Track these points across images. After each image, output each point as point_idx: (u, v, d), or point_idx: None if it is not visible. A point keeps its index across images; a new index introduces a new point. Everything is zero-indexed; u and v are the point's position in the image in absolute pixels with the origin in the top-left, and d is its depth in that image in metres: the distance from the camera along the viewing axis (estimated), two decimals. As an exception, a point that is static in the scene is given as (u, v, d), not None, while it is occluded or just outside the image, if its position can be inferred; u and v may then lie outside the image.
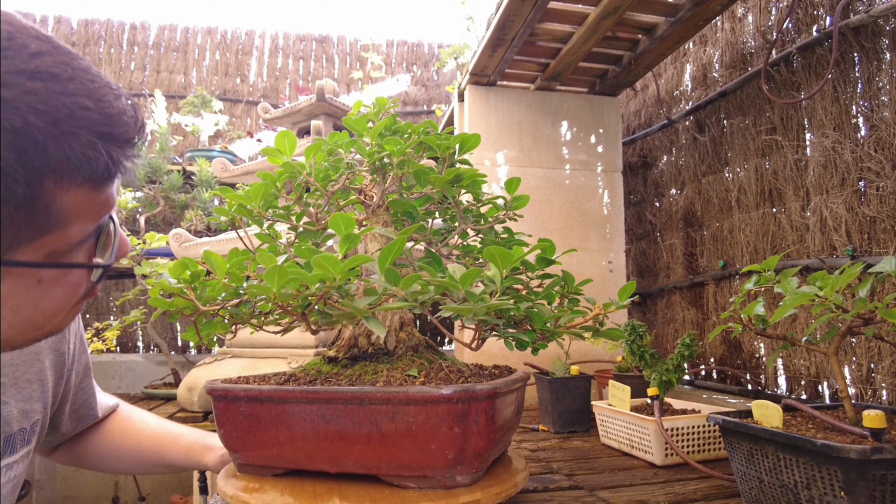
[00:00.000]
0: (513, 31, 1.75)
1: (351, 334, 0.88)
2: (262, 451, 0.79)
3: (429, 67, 4.40)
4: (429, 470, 0.71)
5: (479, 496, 0.71)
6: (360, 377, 0.80)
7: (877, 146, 1.38)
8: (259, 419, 0.77)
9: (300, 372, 0.88)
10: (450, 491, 0.71)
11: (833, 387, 1.51)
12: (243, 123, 4.14)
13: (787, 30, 1.69)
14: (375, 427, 0.71)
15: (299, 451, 0.76)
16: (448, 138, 0.86)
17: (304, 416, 0.75)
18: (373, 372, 0.81)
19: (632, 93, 2.58)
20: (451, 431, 0.69)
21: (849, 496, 0.68)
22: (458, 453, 0.70)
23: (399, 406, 0.70)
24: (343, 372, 0.83)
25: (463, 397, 0.69)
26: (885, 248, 1.35)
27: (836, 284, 0.76)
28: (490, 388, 0.71)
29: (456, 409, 0.69)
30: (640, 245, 2.51)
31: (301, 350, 1.88)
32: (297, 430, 0.75)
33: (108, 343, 2.41)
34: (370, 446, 0.72)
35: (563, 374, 1.49)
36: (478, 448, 0.72)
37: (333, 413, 0.73)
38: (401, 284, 0.64)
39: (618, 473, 1.08)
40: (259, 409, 0.77)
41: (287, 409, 0.75)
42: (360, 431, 0.72)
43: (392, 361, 0.84)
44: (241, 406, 0.78)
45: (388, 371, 0.81)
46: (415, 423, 0.70)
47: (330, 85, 2.17)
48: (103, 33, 4.03)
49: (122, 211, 2.67)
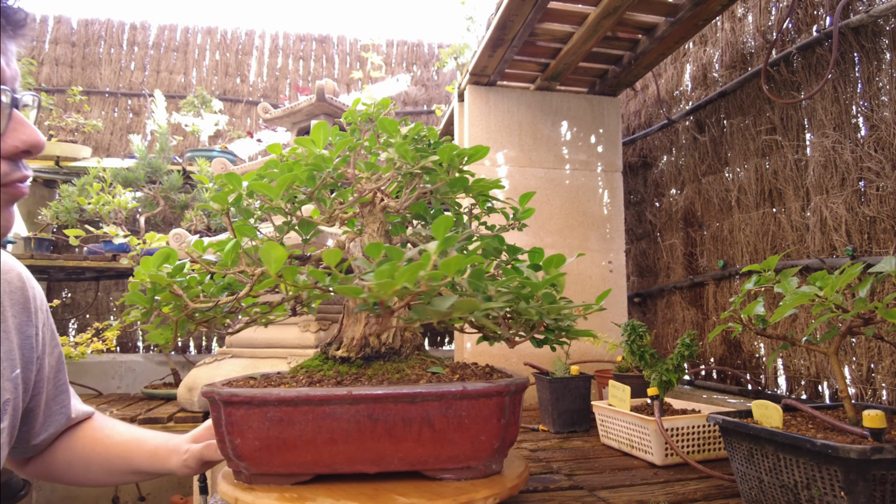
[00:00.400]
0: (513, 31, 1.75)
1: (361, 334, 0.88)
2: (292, 457, 0.75)
3: (429, 67, 4.40)
4: (474, 460, 0.77)
5: (516, 480, 0.79)
6: (382, 376, 0.81)
7: (877, 146, 1.38)
8: (292, 423, 0.73)
9: (315, 372, 0.86)
10: (490, 478, 0.78)
11: (833, 387, 1.51)
12: (243, 123, 4.14)
13: (787, 30, 1.69)
14: (427, 423, 0.74)
15: (339, 453, 0.74)
16: (461, 150, 0.87)
17: (349, 416, 0.73)
18: (394, 371, 0.82)
19: (632, 93, 2.58)
20: (498, 423, 0.76)
21: (849, 496, 0.68)
22: (500, 442, 0.78)
23: (453, 401, 0.74)
24: (363, 371, 0.83)
25: (509, 390, 0.77)
26: (885, 248, 1.35)
27: (836, 284, 0.76)
28: (523, 381, 0.80)
29: (503, 401, 0.77)
30: (640, 245, 2.51)
31: (301, 350, 1.88)
32: (339, 431, 0.73)
33: (108, 343, 2.41)
34: (420, 442, 0.75)
35: (563, 374, 1.49)
36: (512, 437, 0.80)
37: (382, 412, 0.74)
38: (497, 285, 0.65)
39: (618, 473, 1.08)
40: (293, 413, 0.73)
41: (328, 410, 0.73)
42: (411, 428, 0.74)
43: (402, 360, 0.86)
44: (270, 411, 0.73)
45: (408, 369, 0.83)
46: (468, 416, 0.75)
47: (330, 85, 2.17)
48: (103, 33, 4.03)
49: (122, 211, 2.67)
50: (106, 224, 2.53)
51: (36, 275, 3.07)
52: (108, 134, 3.93)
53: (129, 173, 2.91)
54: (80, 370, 3.13)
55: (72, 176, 3.16)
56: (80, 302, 3.69)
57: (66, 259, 2.67)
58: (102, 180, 2.70)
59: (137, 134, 3.89)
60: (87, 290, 3.69)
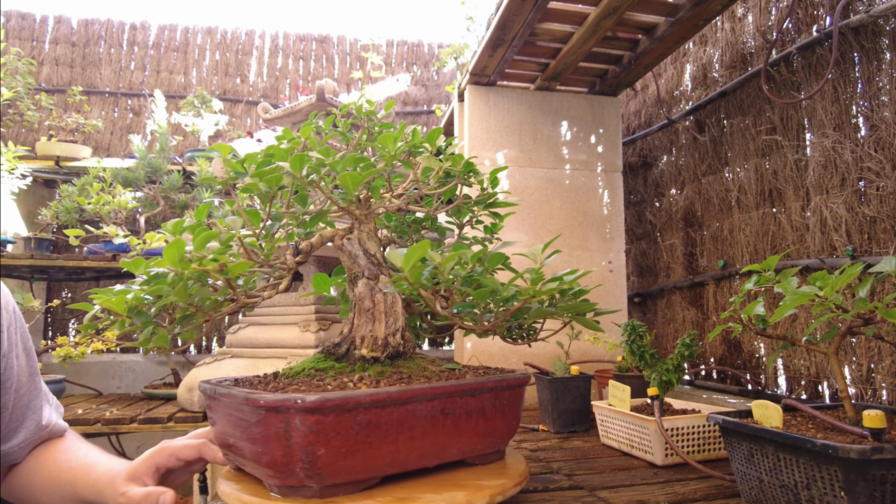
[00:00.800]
0: (513, 30, 1.75)
1: (384, 334, 0.88)
2: (373, 461, 0.72)
3: (429, 67, 4.40)
4: (503, 443, 0.88)
5: (523, 459, 0.91)
6: (412, 374, 0.85)
7: (877, 146, 1.38)
8: (378, 425, 0.71)
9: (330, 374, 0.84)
10: (505, 460, 0.89)
11: (833, 387, 1.51)
12: (243, 123, 4.14)
13: (787, 30, 1.69)
14: (482, 413, 0.82)
15: (413, 451, 0.74)
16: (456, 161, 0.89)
17: (427, 413, 0.76)
18: (421, 368, 0.87)
19: (632, 93, 2.58)
20: (520, 408, 0.89)
21: (849, 496, 0.68)
22: (517, 424, 0.90)
23: (500, 392, 0.84)
24: (398, 370, 0.85)
25: (528, 381, 0.89)
26: (885, 248, 1.35)
27: (836, 284, 0.76)
28: (528, 374, 0.90)
29: (524, 390, 0.90)
30: (640, 245, 2.51)
31: (301, 350, 1.88)
32: (419, 429, 0.75)
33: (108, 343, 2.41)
34: (476, 432, 0.82)
35: (563, 374, 1.49)
36: (520, 420, 0.92)
37: (452, 406, 0.78)
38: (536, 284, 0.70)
39: (618, 473, 1.08)
40: (381, 415, 0.71)
41: (411, 409, 0.74)
42: (470, 419, 0.81)
43: (412, 360, 0.89)
44: (359, 415, 0.69)
45: (429, 366, 0.88)
46: (508, 404, 0.86)
47: (330, 85, 2.17)
48: (103, 33, 4.03)
49: (122, 211, 2.67)
50: (106, 224, 2.53)
51: (36, 275, 3.08)
52: (108, 134, 3.93)
53: (129, 173, 2.91)
54: (80, 370, 3.13)
55: (72, 176, 3.16)
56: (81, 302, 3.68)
57: (66, 259, 2.67)
58: (102, 180, 2.70)
59: (137, 134, 3.89)
60: (87, 290, 3.69)
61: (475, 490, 0.73)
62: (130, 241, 2.44)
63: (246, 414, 0.71)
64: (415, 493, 0.72)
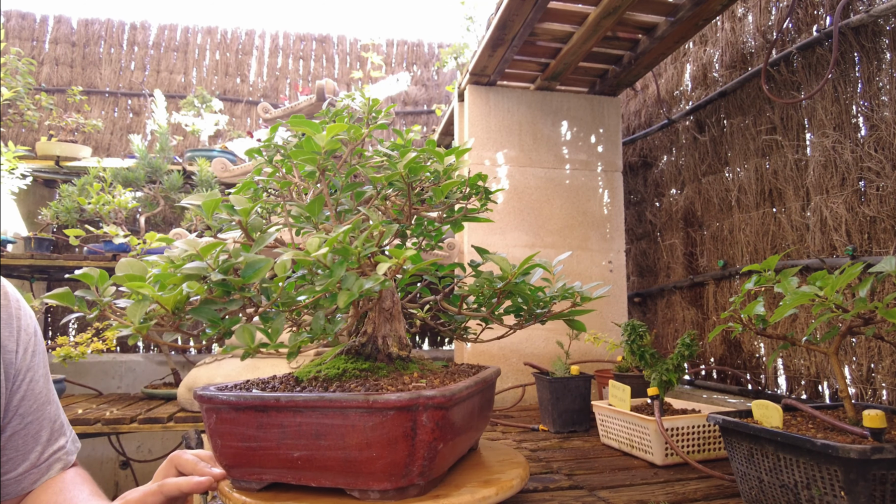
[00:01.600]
0: (513, 30, 1.75)
1: (403, 333, 0.90)
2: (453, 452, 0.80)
3: (429, 67, 4.40)
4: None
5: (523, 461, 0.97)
6: (435, 371, 0.91)
7: (877, 146, 1.38)
8: (453, 425, 0.75)
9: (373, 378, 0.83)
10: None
11: (833, 387, 1.51)
12: (243, 123, 4.14)
13: (787, 29, 1.69)
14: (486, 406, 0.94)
15: (468, 440, 0.87)
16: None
17: (474, 406, 0.86)
18: (431, 367, 0.93)
19: (632, 93, 2.58)
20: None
21: (849, 496, 0.68)
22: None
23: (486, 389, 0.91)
24: (425, 368, 0.90)
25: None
26: (886, 248, 1.35)
27: (836, 284, 0.76)
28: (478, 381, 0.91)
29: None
30: (640, 245, 2.51)
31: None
32: (472, 418, 0.85)
33: (109, 343, 2.41)
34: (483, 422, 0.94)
35: (563, 374, 1.49)
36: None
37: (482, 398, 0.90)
38: None
39: (618, 473, 1.08)
40: (462, 409, 0.79)
41: (473, 403, 0.85)
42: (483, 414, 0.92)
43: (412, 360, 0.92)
44: (462, 407, 0.79)
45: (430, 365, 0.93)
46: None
47: (330, 85, 2.17)
48: (103, 33, 4.03)
49: (122, 211, 2.67)
50: (106, 224, 2.53)
51: (36, 275, 3.07)
52: (108, 134, 3.93)
53: (129, 173, 2.91)
54: (80, 370, 3.13)
55: (72, 176, 3.16)
56: (81, 302, 3.68)
57: (66, 259, 2.67)
58: (102, 180, 2.70)
59: (137, 134, 3.89)
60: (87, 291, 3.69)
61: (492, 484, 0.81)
62: (130, 240, 2.44)
63: (354, 419, 0.67)
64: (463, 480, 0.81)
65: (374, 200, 0.92)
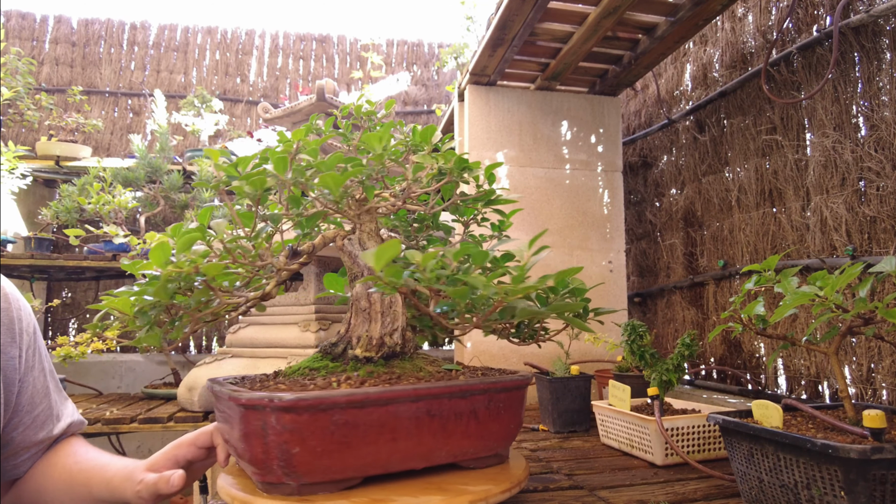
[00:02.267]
0: (513, 30, 1.75)
1: (379, 334, 0.88)
2: (350, 462, 0.72)
3: (429, 67, 4.40)
4: (501, 447, 0.85)
5: (523, 470, 0.85)
6: (406, 374, 0.83)
7: (877, 146, 1.38)
8: (358, 426, 0.71)
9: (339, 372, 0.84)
10: (505, 464, 0.85)
11: (833, 387, 1.51)
12: (243, 123, 4.14)
13: (788, 29, 1.69)
14: (474, 415, 0.79)
15: (397, 452, 0.74)
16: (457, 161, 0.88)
17: (411, 414, 0.74)
18: (416, 369, 0.85)
19: (632, 92, 2.58)
20: (520, 411, 0.85)
21: (849, 496, 0.68)
22: (518, 428, 0.86)
23: (494, 395, 0.80)
24: (391, 370, 0.84)
25: (528, 382, 0.85)
26: (886, 248, 1.35)
27: (836, 284, 0.76)
28: (530, 376, 0.87)
29: (524, 392, 0.86)
30: (640, 245, 2.51)
31: (301, 350, 1.88)
32: (402, 430, 0.73)
33: (109, 343, 2.41)
34: (467, 435, 0.79)
35: (563, 374, 1.49)
36: (521, 424, 0.87)
37: (439, 407, 0.76)
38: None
39: (618, 473, 1.08)
40: (359, 415, 0.71)
41: (393, 409, 0.73)
42: (461, 421, 0.78)
43: (413, 359, 0.87)
44: (336, 415, 0.70)
45: (426, 366, 0.86)
46: (504, 406, 0.82)
47: (330, 84, 2.17)
48: (103, 33, 4.03)
49: (123, 211, 2.67)
50: (106, 224, 2.53)
51: (36, 274, 3.07)
52: (109, 134, 3.93)
53: (129, 173, 2.91)
54: (80, 370, 3.13)
55: (72, 176, 3.16)
56: (80, 302, 3.69)
57: (66, 259, 2.67)
58: (102, 180, 2.70)
59: (137, 134, 3.89)
60: (87, 290, 3.69)
61: (455, 495, 0.71)
62: (130, 240, 2.44)
63: (232, 411, 0.73)
64: (393, 494, 0.72)
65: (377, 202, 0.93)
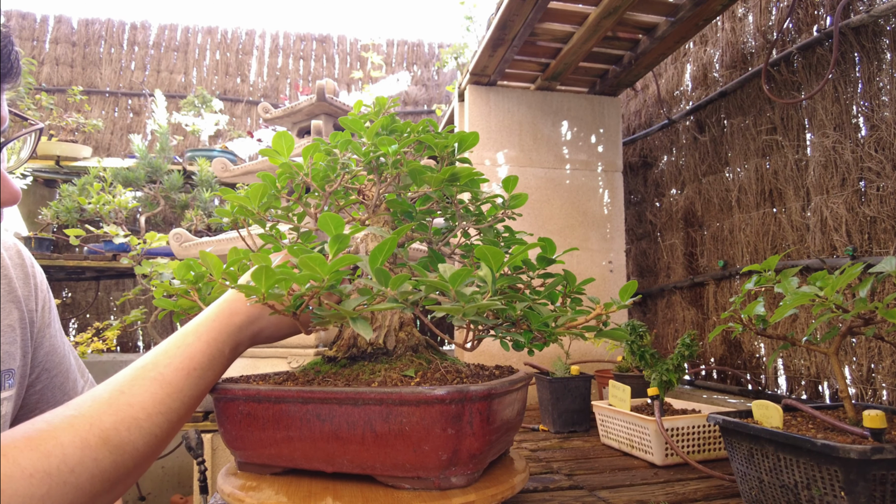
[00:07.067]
0: (513, 30, 1.75)
1: (350, 334, 0.88)
2: (260, 450, 0.79)
3: (429, 67, 4.40)
4: (422, 471, 0.71)
5: (474, 498, 0.70)
6: (357, 377, 0.80)
7: (877, 146, 1.38)
8: (256, 419, 0.78)
9: (299, 372, 0.88)
10: (444, 492, 0.71)
11: (833, 387, 1.51)
12: (244, 123, 4.14)
13: (788, 30, 1.69)
14: (370, 427, 0.71)
15: (296, 450, 0.77)
16: (446, 137, 0.86)
17: (301, 415, 0.75)
18: (370, 372, 0.81)
19: (632, 93, 2.58)
20: (444, 432, 0.69)
21: (849, 496, 0.68)
22: (451, 455, 0.70)
23: (393, 407, 0.69)
24: (342, 371, 0.83)
25: (457, 398, 0.68)
26: (886, 248, 1.35)
27: (836, 284, 0.76)
28: (485, 389, 0.70)
29: (449, 409, 0.69)
30: (641, 245, 2.51)
31: (301, 350, 1.88)
32: (294, 429, 0.75)
33: (109, 343, 2.41)
34: (364, 446, 0.72)
35: (564, 374, 1.49)
36: (472, 450, 0.71)
37: (329, 413, 0.73)
38: (390, 284, 0.63)
39: (618, 473, 1.08)
40: (256, 409, 0.77)
41: (284, 408, 0.76)
42: (355, 431, 0.72)
43: (391, 361, 0.83)
44: (240, 405, 0.78)
45: (386, 371, 0.80)
46: (408, 423, 0.69)
47: (330, 84, 2.17)
48: (103, 33, 4.03)
49: (123, 211, 2.67)
50: (106, 224, 2.53)
51: (36, 274, 3.07)
52: (109, 134, 3.93)
53: (130, 173, 2.91)
54: (80, 370, 3.13)
55: (72, 175, 3.16)
56: (81, 301, 3.69)
57: (66, 259, 2.67)
58: (103, 180, 2.70)
59: (138, 134, 3.89)
60: (87, 290, 3.70)
61: None
62: (131, 240, 2.44)
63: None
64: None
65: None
